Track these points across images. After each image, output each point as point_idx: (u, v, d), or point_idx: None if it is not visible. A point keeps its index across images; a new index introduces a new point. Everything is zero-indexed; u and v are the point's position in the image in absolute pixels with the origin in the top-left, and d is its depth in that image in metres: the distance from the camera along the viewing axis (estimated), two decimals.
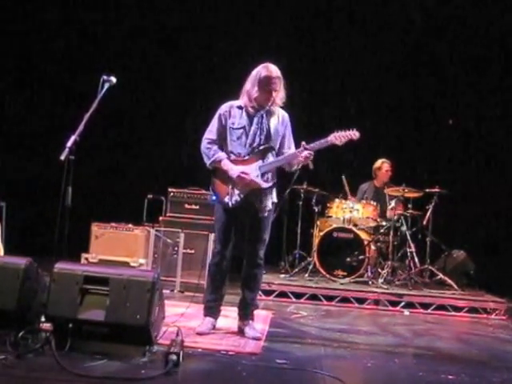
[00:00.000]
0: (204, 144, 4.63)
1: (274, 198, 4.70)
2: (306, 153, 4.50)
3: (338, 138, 4.51)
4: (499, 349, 5.29)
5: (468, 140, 8.90)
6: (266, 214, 4.62)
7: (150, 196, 7.61)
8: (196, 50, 9.11)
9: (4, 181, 8.02)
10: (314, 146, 4.54)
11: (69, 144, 4.06)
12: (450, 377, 4.04)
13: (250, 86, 4.55)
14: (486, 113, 8.88)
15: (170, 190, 7.28)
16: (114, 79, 4.46)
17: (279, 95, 4.57)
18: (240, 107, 4.61)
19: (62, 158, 4.00)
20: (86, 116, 4.22)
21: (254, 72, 4.56)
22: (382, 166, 8.19)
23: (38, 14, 8.99)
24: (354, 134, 4.53)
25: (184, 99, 9.01)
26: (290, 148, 4.69)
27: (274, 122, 4.61)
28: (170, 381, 3.53)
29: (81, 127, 4.15)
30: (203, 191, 7.12)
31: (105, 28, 9.08)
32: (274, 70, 4.53)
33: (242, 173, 4.49)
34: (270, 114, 4.61)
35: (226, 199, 4.58)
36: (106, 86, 4.43)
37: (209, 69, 9.01)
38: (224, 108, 4.64)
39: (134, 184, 8.70)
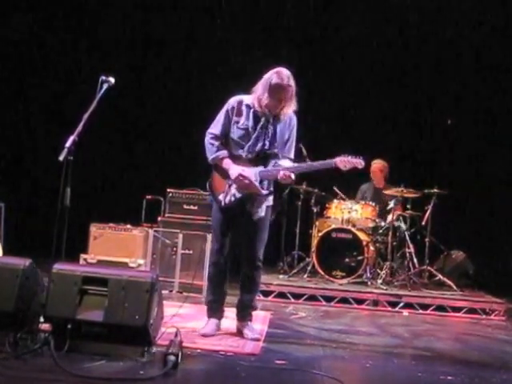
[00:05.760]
0: (207, 138, 4.57)
1: (269, 202, 4.66)
2: (281, 173, 4.43)
3: (343, 162, 4.45)
4: (498, 349, 5.29)
5: (468, 140, 8.90)
6: (257, 218, 4.57)
7: (148, 196, 7.61)
8: (196, 51, 9.12)
9: (3, 181, 8.02)
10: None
11: (67, 144, 4.06)
12: (449, 377, 4.04)
13: (260, 91, 4.45)
14: (486, 112, 8.88)
15: (168, 190, 7.27)
16: (112, 80, 4.45)
17: (290, 103, 4.48)
18: (249, 106, 4.53)
19: (61, 158, 3.99)
20: (85, 116, 4.21)
21: (267, 76, 4.47)
22: (372, 165, 8.20)
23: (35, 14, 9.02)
24: (359, 162, 4.48)
25: (184, 99, 9.01)
26: (289, 152, 4.62)
27: (280, 128, 4.55)
28: (168, 381, 3.53)
29: (79, 128, 4.14)
30: (202, 192, 7.11)
31: (106, 28, 9.11)
32: (285, 77, 4.42)
33: (241, 175, 4.45)
34: (278, 119, 4.54)
35: (221, 197, 4.56)
36: (105, 86, 4.42)
37: (209, 69, 9.00)
38: (232, 103, 4.56)
39: (133, 184, 8.70)
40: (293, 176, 4.47)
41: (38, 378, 3.40)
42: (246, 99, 4.56)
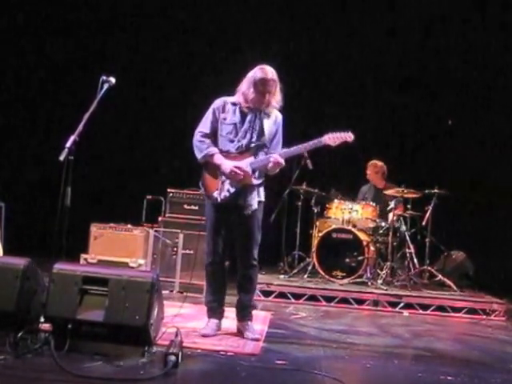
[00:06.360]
0: (197, 137, 4.63)
1: (261, 196, 4.67)
2: (272, 159, 4.46)
3: (332, 139, 4.49)
4: (498, 350, 5.29)
5: (468, 140, 8.89)
6: (250, 212, 4.57)
7: (149, 196, 7.61)
8: (195, 51, 9.12)
9: (3, 181, 8.02)
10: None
11: (68, 144, 4.06)
12: (449, 378, 4.04)
13: (245, 87, 4.54)
14: (487, 112, 8.88)
15: (169, 190, 7.28)
16: (113, 80, 4.45)
17: (275, 98, 4.56)
18: (234, 104, 4.61)
19: (62, 158, 3.99)
20: (86, 116, 4.21)
21: (250, 73, 4.56)
22: (367, 167, 8.19)
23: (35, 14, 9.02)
24: (348, 136, 4.52)
25: (184, 100, 9.00)
26: (276, 148, 4.64)
27: (267, 122, 4.60)
28: (169, 381, 3.53)
29: (80, 128, 4.15)
30: (202, 192, 7.09)
31: (105, 27, 9.11)
32: (269, 72, 4.51)
33: (235, 167, 4.49)
34: (265, 114, 4.60)
35: (215, 194, 4.58)
36: (106, 86, 4.43)
37: (208, 69, 9.00)
38: (218, 102, 4.65)
39: (133, 184, 8.70)
40: (282, 161, 4.48)
41: (38, 378, 3.40)
42: (231, 99, 4.65)
